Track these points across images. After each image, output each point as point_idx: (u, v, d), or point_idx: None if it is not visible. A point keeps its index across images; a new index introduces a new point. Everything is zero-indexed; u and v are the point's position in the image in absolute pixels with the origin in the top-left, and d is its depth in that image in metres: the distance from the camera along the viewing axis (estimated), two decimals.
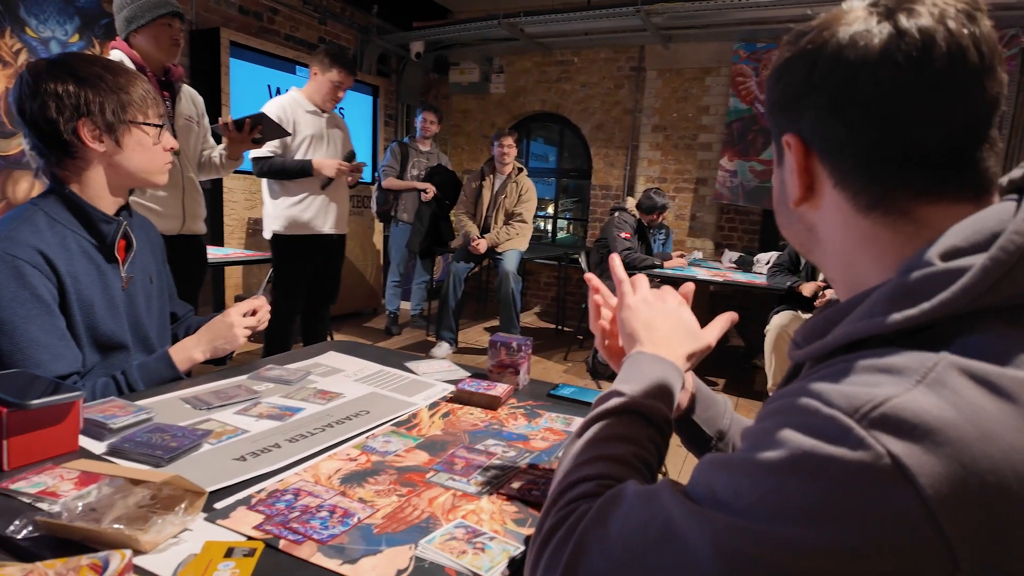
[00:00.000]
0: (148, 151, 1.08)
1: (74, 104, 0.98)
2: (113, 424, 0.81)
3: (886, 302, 0.40)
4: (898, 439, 0.33)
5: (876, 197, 0.44)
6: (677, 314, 0.67)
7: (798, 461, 0.35)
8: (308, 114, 2.66)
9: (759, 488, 0.37)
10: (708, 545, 0.37)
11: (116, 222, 1.07)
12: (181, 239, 2.12)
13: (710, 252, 4.81)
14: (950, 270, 0.38)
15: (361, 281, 4.91)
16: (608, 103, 5.13)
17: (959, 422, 0.33)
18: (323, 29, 4.77)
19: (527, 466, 0.81)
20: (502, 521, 0.67)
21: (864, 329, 0.41)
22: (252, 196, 4.05)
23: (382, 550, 0.60)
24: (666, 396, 0.58)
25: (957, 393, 0.34)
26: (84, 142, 1.01)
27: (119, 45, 1.95)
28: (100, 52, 3.26)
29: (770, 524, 0.35)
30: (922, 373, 0.35)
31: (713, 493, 0.39)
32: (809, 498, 0.34)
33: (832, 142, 0.45)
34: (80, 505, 0.59)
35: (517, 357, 1.15)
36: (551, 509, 0.49)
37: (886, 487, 0.32)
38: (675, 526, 0.39)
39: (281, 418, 0.93)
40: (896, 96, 0.42)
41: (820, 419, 0.36)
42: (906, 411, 0.34)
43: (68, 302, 0.99)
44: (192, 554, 0.57)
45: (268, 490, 0.71)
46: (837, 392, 0.36)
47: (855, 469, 0.33)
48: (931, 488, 0.32)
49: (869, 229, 0.45)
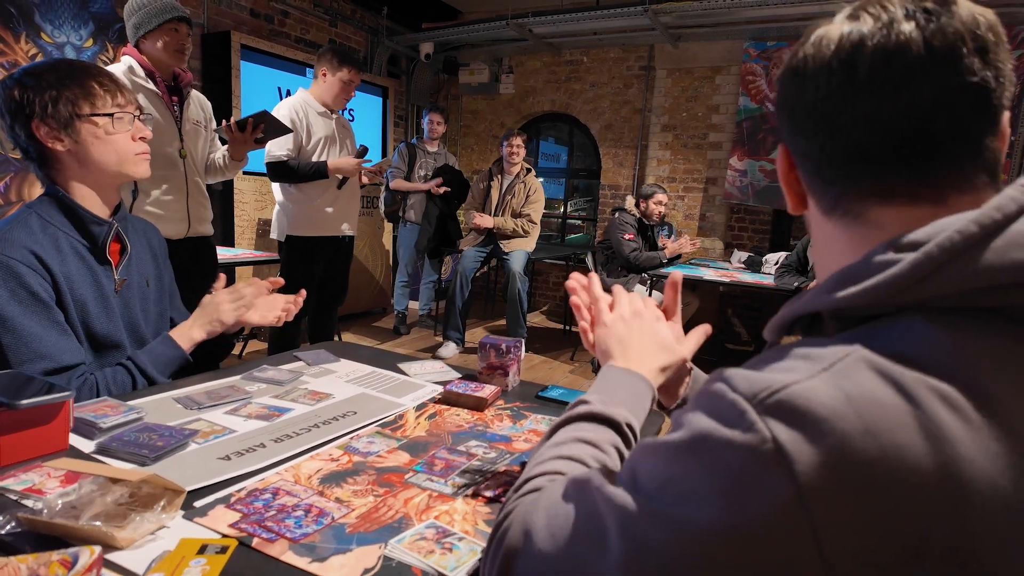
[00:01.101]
0: (108, 142, 1.05)
1: (21, 109, 1.00)
2: (103, 423, 0.83)
3: (831, 283, 0.42)
4: (785, 425, 0.34)
5: (832, 200, 0.46)
6: (652, 330, 0.69)
7: (697, 443, 0.37)
8: (319, 116, 2.68)
9: (666, 471, 0.38)
10: (618, 528, 0.38)
11: (107, 224, 1.09)
12: (189, 242, 2.15)
13: (720, 252, 4.78)
14: (885, 261, 0.39)
15: (370, 281, 4.95)
16: (617, 103, 5.12)
17: (847, 414, 0.33)
18: (334, 31, 4.82)
19: (506, 468, 0.82)
20: (474, 522, 0.68)
21: (806, 305, 0.43)
22: (262, 197, 4.10)
23: (352, 549, 0.62)
24: (633, 406, 0.61)
25: (858, 385, 0.34)
26: (44, 144, 1.02)
27: (129, 51, 2.00)
28: (114, 57, 3.32)
29: (669, 506, 0.36)
30: (830, 363, 0.36)
31: (634, 478, 0.41)
32: (703, 480, 0.35)
33: (797, 150, 0.48)
34: (60, 503, 0.61)
35: (506, 359, 1.16)
36: (506, 505, 0.51)
37: (766, 471, 0.33)
38: (598, 512, 0.41)
39: (269, 418, 0.95)
40: (831, 99, 0.43)
41: (723, 403, 0.37)
42: (799, 399, 0.34)
43: (64, 301, 1.02)
44: (166, 551, 0.59)
45: (248, 489, 0.72)
46: (745, 377, 0.37)
47: (742, 452, 0.34)
48: (805, 476, 0.32)
49: (832, 231, 0.47)
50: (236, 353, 3.66)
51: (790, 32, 4.28)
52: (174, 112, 2.07)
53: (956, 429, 0.33)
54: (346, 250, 2.88)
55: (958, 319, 0.37)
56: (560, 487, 0.46)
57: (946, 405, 0.33)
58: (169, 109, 2.05)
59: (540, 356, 4.06)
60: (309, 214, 2.68)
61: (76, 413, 0.84)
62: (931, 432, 0.33)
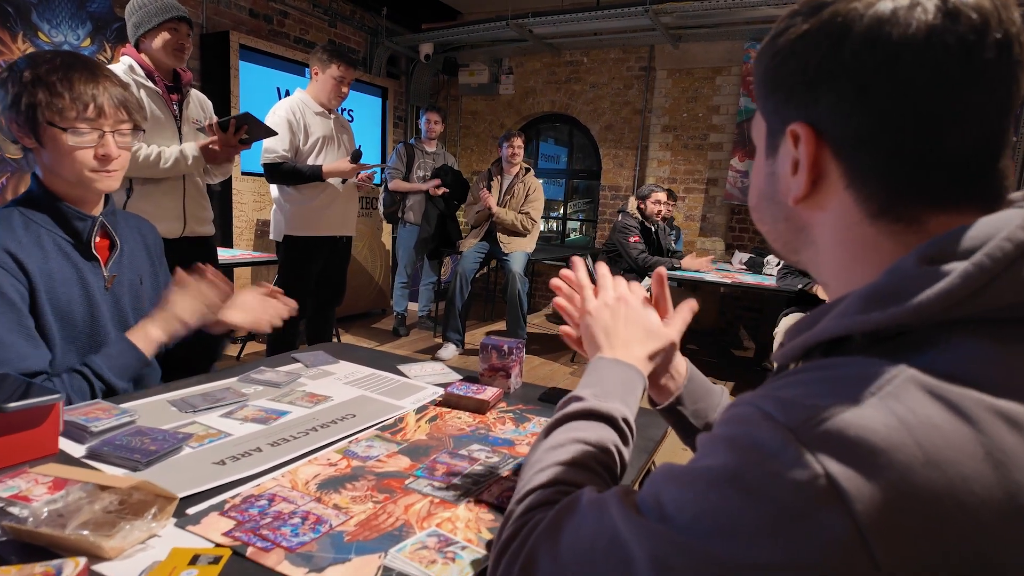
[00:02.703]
0: (65, 156, 1.00)
1: (6, 102, 0.99)
2: (94, 427, 0.81)
3: (859, 303, 0.38)
4: (837, 459, 0.31)
5: (887, 202, 0.39)
6: (638, 316, 0.66)
7: (738, 476, 0.34)
8: (317, 116, 2.66)
9: (699, 503, 0.35)
10: (648, 561, 0.36)
11: (90, 219, 1.07)
12: (186, 241, 2.12)
13: (721, 253, 4.76)
14: (929, 274, 0.35)
15: (369, 282, 4.92)
16: (618, 103, 5.11)
17: (906, 443, 0.30)
18: (333, 32, 4.80)
19: (509, 472, 0.80)
20: (477, 529, 0.66)
21: (832, 329, 0.39)
22: (261, 198, 4.08)
23: (351, 559, 0.59)
24: (626, 398, 0.59)
25: (912, 411, 0.31)
26: (21, 141, 1.01)
27: (129, 51, 1.99)
28: (111, 56, 3.30)
29: (708, 541, 0.34)
30: (878, 386, 0.33)
31: (660, 506, 0.38)
32: (747, 516, 0.33)
33: (854, 134, 0.39)
34: (47, 510, 0.59)
35: (508, 360, 1.14)
36: (510, 517, 0.48)
37: (820, 509, 0.30)
38: (620, 541, 0.38)
39: (266, 421, 0.92)
40: (939, 85, 0.36)
41: (763, 431, 0.34)
42: (850, 429, 0.31)
43: (38, 302, 0.98)
44: (157, 561, 0.56)
45: (243, 495, 0.70)
46: (786, 402, 0.34)
47: (791, 488, 0.31)
48: (866, 514, 0.30)
49: (872, 237, 0.40)
50: (234, 355, 3.63)
51: None
52: (174, 111, 2.06)
53: (1022, 453, 0.30)
54: (344, 250, 2.86)
55: (1005, 331, 0.34)
56: (575, 508, 0.43)
57: (1009, 426, 0.31)
58: (169, 108, 2.04)
59: (540, 358, 4.04)
60: (306, 214, 2.66)
61: (66, 416, 0.82)
62: (997, 458, 0.30)
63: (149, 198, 2.00)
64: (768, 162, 0.47)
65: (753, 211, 0.51)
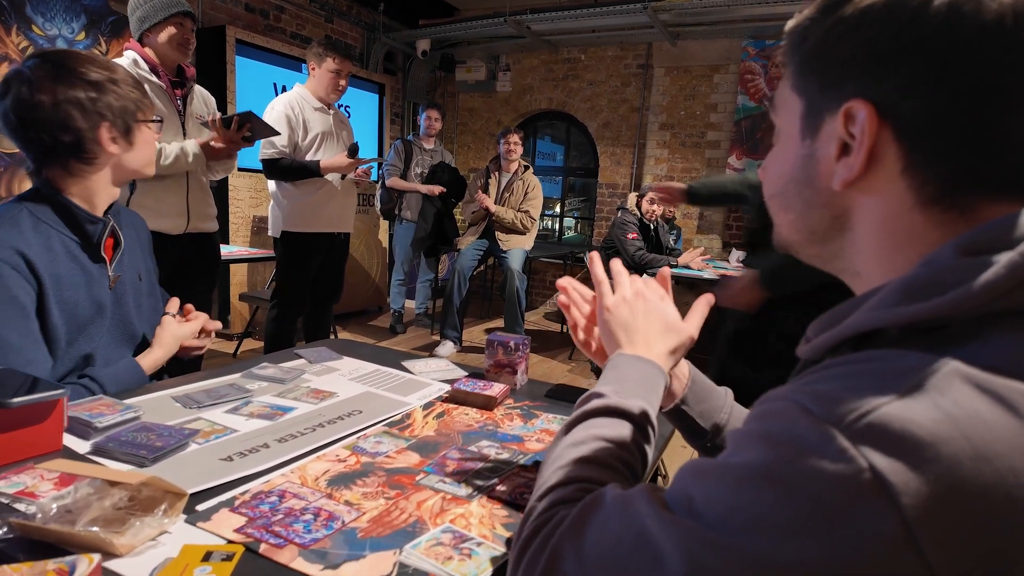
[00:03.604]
0: (151, 146, 1.12)
1: (96, 111, 1.00)
2: (99, 423, 0.79)
3: (897, 295, 0.37)
4: (882, 453, 0.30)
5: (944, 190, 0.37)
6: (658, 311, 0.65)
7: (775, 471, 0.33)
8: (316, 111, 2.64)
9: (734, 499, 0.34)
10: (680, 558, 0.35)
11: (101, 222, 1.06)
12: (190, 237, 2.11)
13: (717, 251, 4.76)
14: (972, 265, 0.35)
15: (366, 279, 4.90)
16: (615, 101, 5.10)
17: (953, 436, 0.30)
18: (329, 27, 4.77)
19: (520, 468, 0.79)
20: (491, 526, 0.65)
21: (868, 322, 0.38)
22: (257, 194, 4.05)
23: (365, 555, 0.58)
24: (648, 395, 0.57)
25: (957, 404, 0.31)
26: (102, 145, 1.02)
27: (132, 45, 1.99)
28: (106, 50, 3.27)
29: (742, 538, 0.33)
30: (921, 379, 0.32)
31: (690, 502, 0.37)
32: (783, 512, 0.32)
33: (925, 115, 0.37)
34: (55, 507, 0.57)
35: (515, 357, 1.13)
36: (530, 514, 0.47)
37: (865, 504, 0.30)
38: (649, 537, 0.37)
39: (272, 417, 0.91)
40: (1022, 68, 0.35)
41: (801, 426, 0.33)
42: (895, 422, 0.31)
43: (46, 305, 0.97)
44: (169, 558, 0.56)
45: (253, 492, 0.69)
46: (824, 396, 0.34)
47: (833, 483, 0.31)
48: (913, 509, 0.29)
49: (920, 226, 0.39)
50: (230, 352, 3.61)
51: None
52: (177, 106, 2.06)
53: None
54: (342, 247, 2.85)
55: None
56: (601, 504, 0.42)
57: None
58: (173, 103, 2.04)
59: (538, 356, 4.04)
60: (304, 210, 2.64)
61: (70, 412, 0.80)
62: None
63: (152, 194, 1.99)
64: (805, 144, 0.44)
65: (775, 198, 0.48)
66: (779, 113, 0.47)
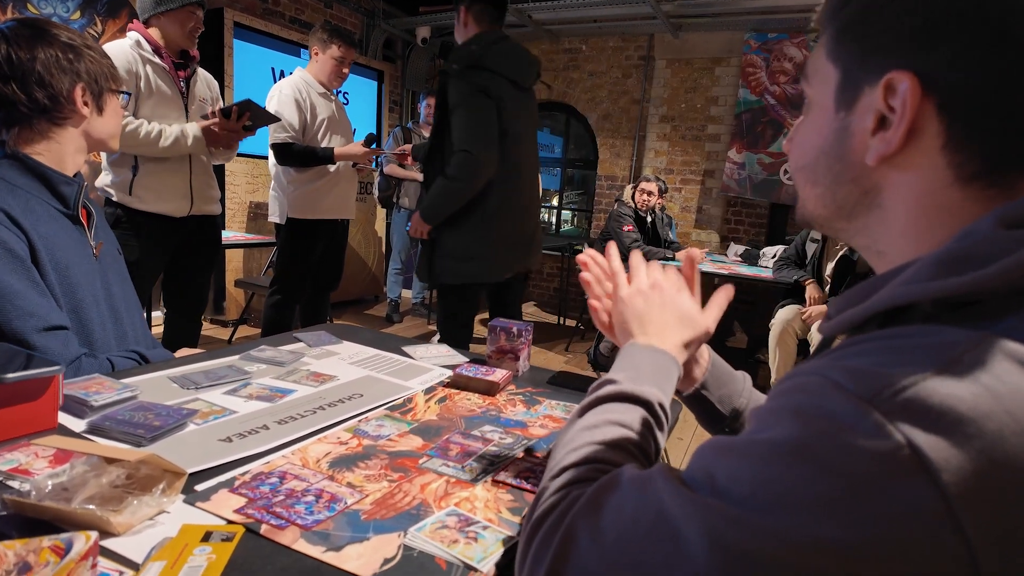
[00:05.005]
0: (118, 118, 1.14)
1: (74, 70, 1.02)
2: (95, 401, 0.78)
3: (932, 268, 0.35)
4: (921, 429, 0.29)
5: (987, 166, 0.36)
6: (674, 302, 0.64)
7: (806, 447, 0.32)
8: (320, 96, 2.61)
9: (761, 475, 0.33)
10: (702, 536, 0.33)
11: (76, 183, 1.04)
12: (193, 220, 2.12)
13: (716, 245, 4.76)
14: (1011, 237, 0.33)
15: (363, 268, 4.87)
16: (616, 92, 5.07)
17: (995, 412, 0.29)
18: (328, 13, 4.71)
19: (524, 453, 0.78)
20: (496, 509, 0.64)
21: (902, 295, 0.36)
22: (254, 180, 4.01)
23: (369, 538, 0.57)
24: (661, 383, 0.56)
25: (998, 379, 0.29)
26: (76, 106, 1.03)
27: (136, 27, 1.98)
28: (102, 30, 3.22)
29: (769, 515, 0.31)
30: (959, 353, 0.31)
31: (712, 479, 0.36)
32: (815, 488, 0.31)
33: (976, 88, 0.35)
34: (50, 484, 0.56)
35: (517, 343, 1.12)
36: (543, 493, 0.46)
37: (903, 481, 0.29)
38: (668, 516, 0.36)
39: (271, 399, 0.90)
40: None
41: (834, 401, 0.32)
42: (934, 396, 0.29)
43: (40, 261, 0.94)
44: (167, 537, 0.54)
45: (253, 473, 0.68)
46: (857, 371, 0.32)
47: (869, 459, 0.29)
48: (955, 485, 0.28)
49: (959, 203, 0.37)
50: (225, 339, 3.59)
51: (792, 24, 4.24)
52: (180, 87, 2.05)
53: None
54: (342, 233, 2.83)
55: None
56: (617, 484, 0.41)
57: None
58: (176, 84, 2.04)
59: (534, 347, 4.02)
60: (309, 197, 2.61)
61: (66, 390, 0.78)
62: None
63: (156, 176, 2.00)
64: (839, 116, 0.42)
65: (803, 170, 0.46)
66: (812, 82, 0.45)
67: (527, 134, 2.06)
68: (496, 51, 1.91)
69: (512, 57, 1.95)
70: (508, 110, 1.92)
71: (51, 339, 0.90)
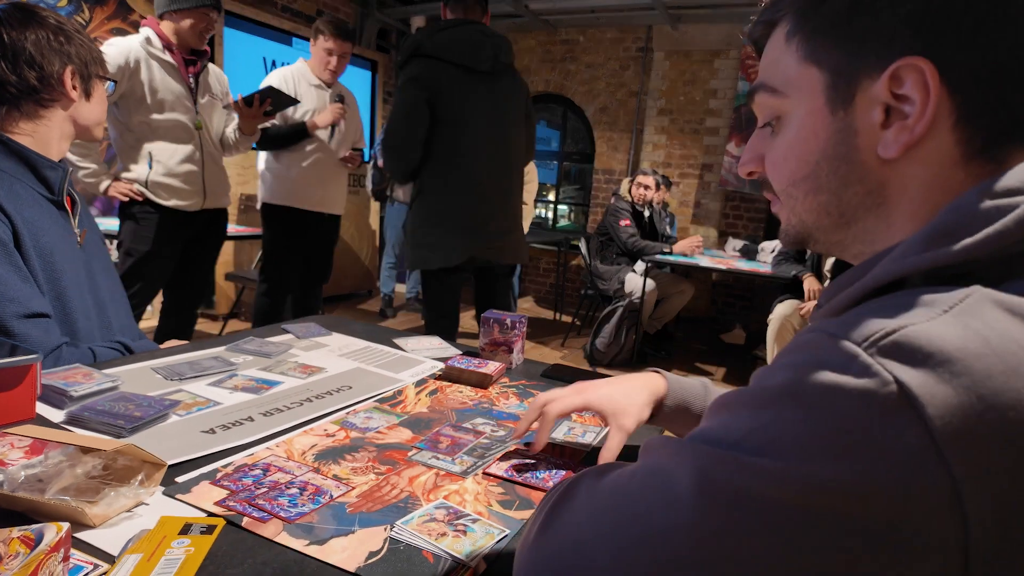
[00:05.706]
0: (103, 105, 1.12)
1: (64, 52, 1.01)
2: (74, 392, 0.76)
3: (922, 242, 0.35)
4: (909, 366, 0.29)
5: (989, 140, 0.37)
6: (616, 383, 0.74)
7: (795, 390, 0.32)
8: (311, 87, 2.59)
9: (752, 420, 0.33)
10: (690, 477, 0.33)
11: (61, 168, 1.02)
12: (206, 214, 2.19)
13: (714, 240, 4.75)
14: (999, 207, 0.34)
15: (356, 262, 4.84)
16: (613, 85, 5.04)
17: (984, 352, 0.29)
18: (321, 1, 4.66)
19: (516, 446, 0.76)
20: (487, 503, 0.62)
21: (891, 271, 0.36)
22: (244, 171, 3.97)
23: (354, 531, 0.55)
24: None
25: (988, 324, 0.30)
26: (64, 88, 1.02)
27: (150, 23, 2.03)
28: (89, 17, 3.17)
29: (759, 456, 0.31)
30: (948, 304, 0.31)
31: (705, 431, 0.36)
32: (804, 428, 0.30)
33: (980, 66, 0.36)
34: (24, 474, 0.54)
35: (511, 335, 1.10)
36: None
37: (889, 417, 0.28)
38: (661, 466, 0.36)
39: (257, 391, 0.88)
40: None
41: (824, 350, 0.32)
42: (922, 338, 0.29)
43: (23, 246, 0.92)
44: (145, 530, 0.52)
45: (236, 465, 0.66)
46: (850, 323, 0.32)
47: (856, 397, 0.29)
48: (941, 420, 0.28)
49: (960, 184, 0.37)
50: (215, 333, 3.56)
51: None
52: (189, 83, 2.08)
53: None
54: (331, 230, 2.80)
55: None
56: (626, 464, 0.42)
57: None
58: (185, 80, 2.07)
59: (530, 342, 4.01)
60: (286, 184, 2.59)
61: (44, 380, 0.76)
62: None
63: (171, 171, 2.06)
64: (836, 117, 0.41)
65: (803, 182, 0.44)
66: (786, 93, 0.44)
67: (487, 118, 1.95)
68: (441, 37, 1.86)
69: (460, 42, 1.87)
70: (451, 96, 1.86)
71: (32, 326, 0.88)
